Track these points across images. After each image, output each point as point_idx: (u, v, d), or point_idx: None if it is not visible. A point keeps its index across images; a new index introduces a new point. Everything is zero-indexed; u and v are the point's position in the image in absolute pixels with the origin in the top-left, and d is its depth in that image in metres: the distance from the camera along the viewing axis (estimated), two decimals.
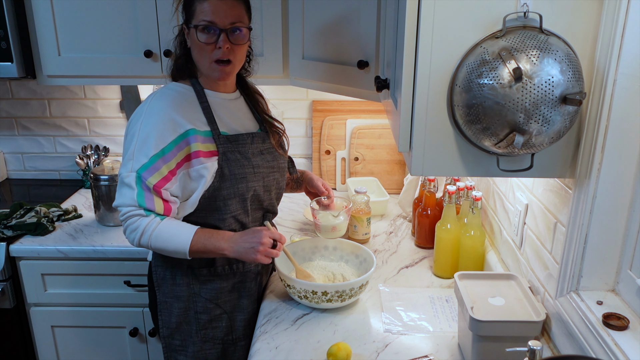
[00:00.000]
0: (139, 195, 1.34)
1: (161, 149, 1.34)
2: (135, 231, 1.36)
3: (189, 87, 1.45)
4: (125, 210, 1.36)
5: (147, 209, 1.35)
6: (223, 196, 1.43)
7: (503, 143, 1.00)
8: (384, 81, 1.37)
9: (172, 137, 1.35)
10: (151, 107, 1.38)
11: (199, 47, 1.39)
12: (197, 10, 1.37)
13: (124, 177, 1.35)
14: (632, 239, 1.08)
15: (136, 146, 1.35)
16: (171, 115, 1.36)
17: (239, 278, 1.53)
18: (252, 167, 1.46)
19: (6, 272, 1.92)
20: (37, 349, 2.07)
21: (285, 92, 2.37)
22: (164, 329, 1.52)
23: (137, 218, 1.35)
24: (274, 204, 1.59)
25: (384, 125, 2.34)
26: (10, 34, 1.92)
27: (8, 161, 2.55)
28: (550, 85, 0.94)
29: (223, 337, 1.53)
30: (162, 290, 1.51)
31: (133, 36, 1.93)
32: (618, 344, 0.98)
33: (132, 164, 1.34)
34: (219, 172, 1.41)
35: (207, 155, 1.39)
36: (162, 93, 1.42)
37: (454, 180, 1.79)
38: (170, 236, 1.36)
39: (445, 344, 1.36)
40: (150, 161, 1.33)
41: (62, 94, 2.43)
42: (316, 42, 1.81)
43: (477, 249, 1.62)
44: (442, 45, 1.03)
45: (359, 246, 1.65)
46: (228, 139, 1.43)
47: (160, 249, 1.38)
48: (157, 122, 1.35)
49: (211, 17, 1.36)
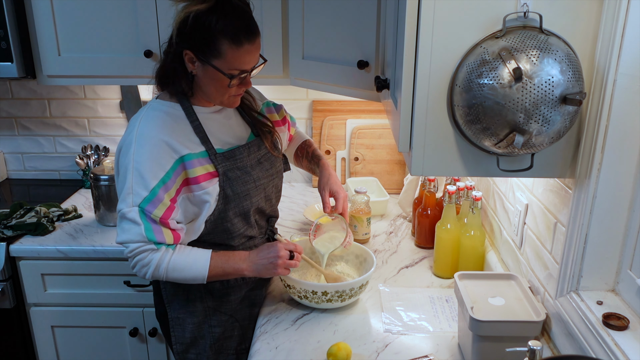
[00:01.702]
0: (147, 230, 1.28)
1: (161, 178, 1.28)
2: (148, 266, 1.30)
3: (176, 105, 1.36)
4: (134, 247, 1.29)
5: (158, 242, 1.30)
6: (229, 217, 1.40)
7: (503, 143, 1.00)
8: (384, 81, 1.37)
9: (170, 164, 1.29)
10: (141, 134, 1.29)
11: (219, 87, 1.31)
12: (229, 56, 1.26)
13: (126, 212, 1.27)
14: (632, 239, 1.08)
15: (133, 179, 1.27)
16: (164, 139, 1.29)
17: (250, 286, 1.51)
18: (254, 182, 1.43)
19: (6, 272, 1.92)
20: (37, 349, 2.07)
21: (285, 92, 2.37)
22: (177, 345, 1.49)
23: (148, 253, 1.30)
24: (275, 209, 1.59)
25: (384, 125, 2.34)
26: (10, 34, 1.92)
27: (8, 161, 2.55)
28: (550, 85, 0.94)
29: (236, 347, 1.52)
30: (174, 306, 1.47)
31: (133, 36, 1.93)
32: (618, 344, 0.98)
33: (133, 199, 1.27)
34: (221, 194, 1.37)
35: (207, 178, 1.34)
36: (149, 116, 1.33)
37: (454, 180, 1.79)
38: (187, 266, 1.33)
39: (445, 344, 1.36)
40: (152, 193, 1.26)
41: (62, 94, 2.43)
42: (316, 42, 1.81)
43: (477, 249, 1.62)
44: (442, 45, 1.03)
45: (358, 246, 1.65)
46: (225, 156, 1.38)
47: (176, 279, 1.35)
48: (152, 150, 1.28)
49: (246, 65, 1.29)
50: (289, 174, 2.49)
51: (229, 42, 1.25)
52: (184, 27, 1.26)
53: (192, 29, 1.25)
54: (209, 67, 1.28)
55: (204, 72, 1.30)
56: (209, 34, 1.24)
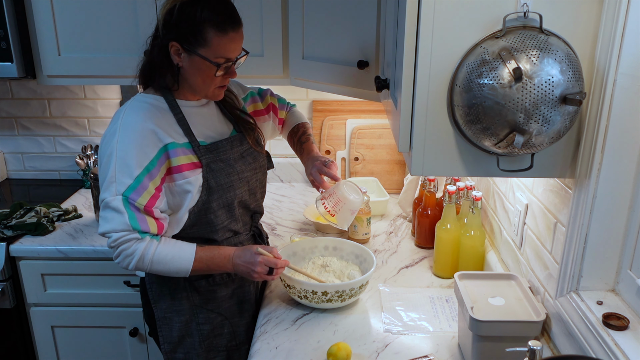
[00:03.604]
0: (131, 219, 1.26)
1: (145, 166, 1.27)
2: (132, 256, 1.29)
3: (159, 98, 1.37)
4: (117, 236, 1.27)
5: (142, 231, 1.28)
6: (213, 208, 1.40)
7: (503, 143, 1.00)
8: (384, 81, 1.37)
9: (154, 152, 1.29)
10: (126, 123, 1.29)
11: (205, 77, 1.33)
12: (214, 43, 1.28)
13: (109, 201, 1.26)
14: (632, 239, 1.08)
15: (116, 167, 1.26)
16: (149, 127, 1.29)
17: (237, 284, 1.51)
18: (237, 174, 1.44)
19: (6, 272, 1.92)
20: (37, 349, 2.07)
21: (285, 92, 2.36)
22: (165, 345, 1.48)
23: (132, 242, 1.28)
24: (260, 205, 1.58)
25: (384, 125, 2.34)
26: (10, 34, 1.92)
27: (8, 161, 2.55)
28: (550, 85, 0.94)
29: (227, 344, 1.52)
30: (160, 306, 1.46)
31: (133, 36, 1.93)
32: (618, 344, 0.98)
33: (116, 187, 1.25)
34: (204, 185, 1.37)
35: (190, 168, 1.34)
36: (133, 106, 1.33)
37: (454, 180, 1.79)
38: (172, 258, 1.32)
39: (445, 344, 1.36)
40: (136, 181, 1.26)
41: (62, 94, 2.43)
42: (316, 42, 1.81)
43: (477, 249, 1.62)
44: (442, 45, 1.03)
45: (359, 246, 1.65)
46: (208, 149, 1.39)
47: (159, 271, 1.34)
48: (136, 137, 1.28)
49: (231, 54, 1.32)
50: (289, 175, 2.49)
51: (215, 30, 1.28)
52: (170, 18, 1.29)
53: (178, 19, 1.28)
54: (196, 56, 1.30)
55: (190, 63, 1.32)
56: (195, 23, 1.27)
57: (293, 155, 2.45)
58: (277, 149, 2.46)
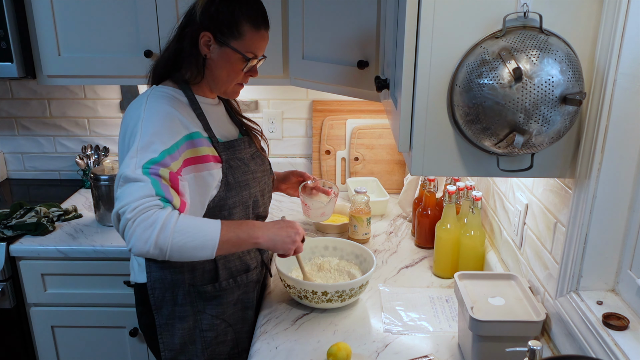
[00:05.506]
0: (154, 184, 1.14)
1: (170, 145, 1.21)
2: (152, 227, 1.10)
3: (179, 92, 1.36)
4: (136, 205, 1.11)
5: (165, 199, 1.15)
6: (229, 205, 1.39)
7: (503, 143, 1.00)
8: (384, 81, 1.37)
9: (179, 136, 1.25)
10: (151, 106, 1.27)
11: (231, 71, 1.36)
12: (247, 37, 1.33)
13: (129, 173, 1.15)
14: (632, 239, 1.08)
15: (139, 144, 1.19)
16: (175, 114, 1.28)
17: (242, 290, 1.49)
18: (252, 173, 1.44)
19: (6, 272, 1.92)
20: (37, 349, 2.07)
21: (285, 92, 2.37)
22: (165, 352, 1.42)
23: (153, 211, 1.12)
24: (267, 208, 1.59)
25: (384, 125, 2.34)
26: (10, 34, 1.92)
27: (8, 161, 2.55)
28: (550, 85, 0.94)
29: (229, 352, 1.48)
30: (162, 312, 1.41)
31: (133, 36, 1.93)
32: (618, 344, 0.98)
33: (136, 161, 1.16)
34: (224, 180, 1.36)
35: (215, 161, 1.34)
36: (156, 94, 1.32)
37: (454, 180, 1.79)
38: (197, 227, 1.17)
39: (445, 344, 1.36)
40: (160, 156, 1.18)
41: (62, 94, 2.43)
42: (316, 42, 1.81)
43: (477, 249, 1.62)
44: (442, 45, 1.03)
45: (359, 246, 1.65)
46: (225, 146, 1.38)
47: (182, 246, 1.15)
48: (163, 120, 1.25)
49: (259, 51, 1.37)
50: None
51: (250, 25, 1.33)
52: (210, 7, 1.32)
53: (218, 10, 1.31)
54: (227, 48, 1.33)
55: (219, 55, 1.34)
56: (233, 16, 1.32)
57: (293, 155, 2.47)
58: (277, 149, 2.46)
